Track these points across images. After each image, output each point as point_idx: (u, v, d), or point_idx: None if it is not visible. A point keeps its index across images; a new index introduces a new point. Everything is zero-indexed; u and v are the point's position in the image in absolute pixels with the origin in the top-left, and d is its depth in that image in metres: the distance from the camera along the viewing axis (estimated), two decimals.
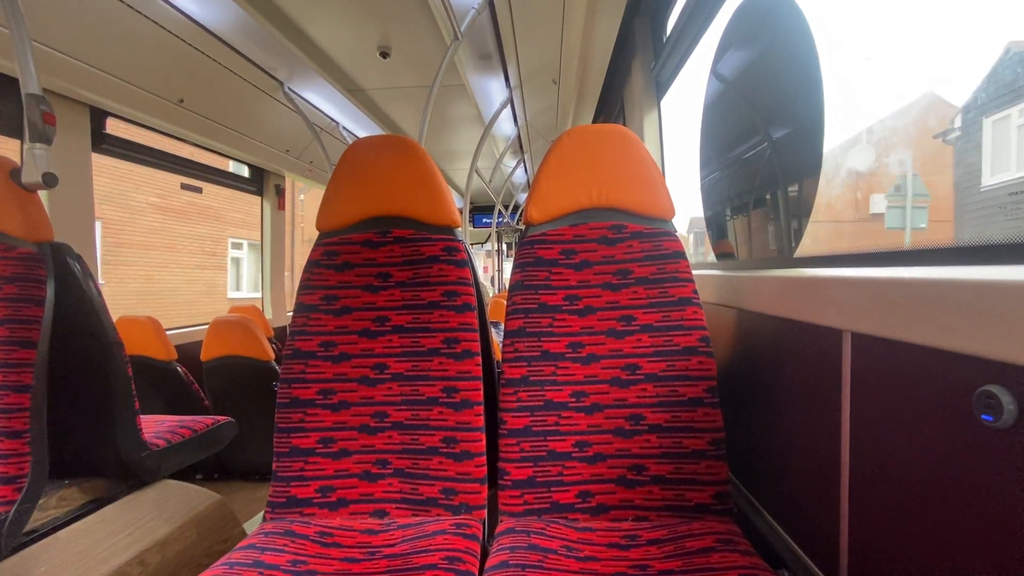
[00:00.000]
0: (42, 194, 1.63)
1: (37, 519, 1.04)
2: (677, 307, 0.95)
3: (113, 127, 1.99)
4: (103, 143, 1.95)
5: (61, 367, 1.12)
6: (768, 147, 1.14)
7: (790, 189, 1.07)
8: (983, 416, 0.44)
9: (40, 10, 1.38)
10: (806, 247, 0.95)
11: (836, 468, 0.66)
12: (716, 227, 1.50)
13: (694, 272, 0.98)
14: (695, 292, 0.95)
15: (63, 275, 1.08)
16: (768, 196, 1.16)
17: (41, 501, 1.07)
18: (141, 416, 1.23)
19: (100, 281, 1.36)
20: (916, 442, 0.53)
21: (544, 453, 0.93)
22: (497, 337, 2.31)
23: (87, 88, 1.67)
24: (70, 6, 1.42)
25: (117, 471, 1.23)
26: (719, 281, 1.07)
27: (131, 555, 1.03)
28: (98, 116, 1.89)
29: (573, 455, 0.93)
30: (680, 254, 0.97)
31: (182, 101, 2.00)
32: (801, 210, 1.03)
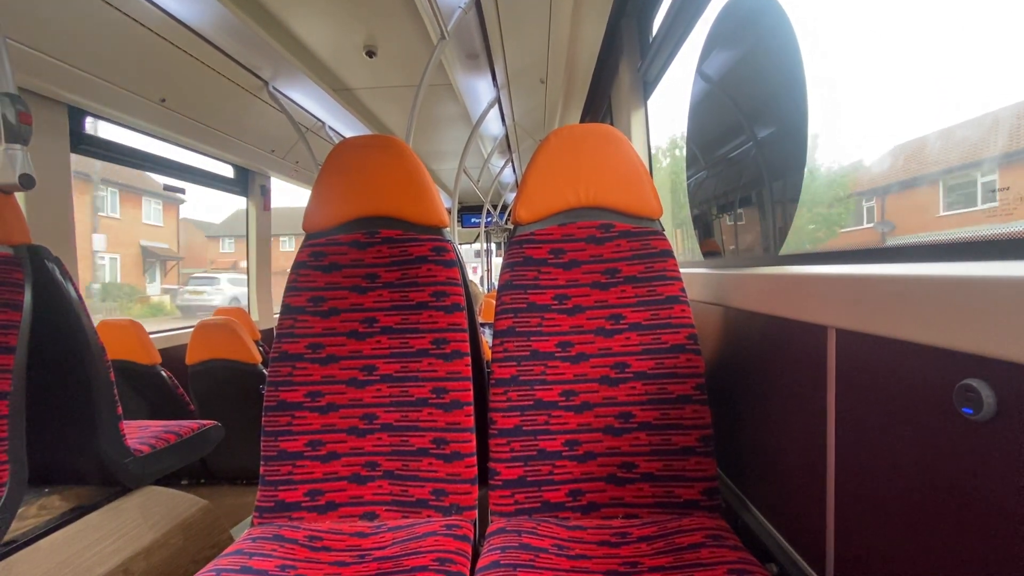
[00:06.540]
0: (19, 196, 1.60)
1: (16, 529, 1.01)
2: (665, 305, 0.95)
3: (94, 127, 1.95)
4: (82, 143, 1.91)
5: (40, 372, 1.09)
6: (753, 146, 1.16)
7: (775, 188, 1.08)
8: (964, 409, 0.44)
9: (15, 7, 1.34)
10: None
11: (822, 463, 0.67)
12: (703, 226, 1.51)
13: (681, 270, 0.98)
14: (682, 290, 0.96)
15: (41, 279, 1.06)
16: (753, 195, 1.18)
17: (20, 510, 1.05)
18: (124, 422, 1.21)
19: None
20: (899, 436, 0.54)
21: (534, 452, 0.93)
22: (487, 338, 2.31)
23: (65, 87, 1.64)
24: (46, 2, 1.39)
25: (100, 478, 1.20)
26: (706, 279, 1.08)
27: (115, 563, 1.01)
28: (77, 116, 1.85)
29: (563, 454, 0.93)
30: (667, 252, 0.98)
31: (164, 100, 1.96)
32: (786, 208, 1.04)
